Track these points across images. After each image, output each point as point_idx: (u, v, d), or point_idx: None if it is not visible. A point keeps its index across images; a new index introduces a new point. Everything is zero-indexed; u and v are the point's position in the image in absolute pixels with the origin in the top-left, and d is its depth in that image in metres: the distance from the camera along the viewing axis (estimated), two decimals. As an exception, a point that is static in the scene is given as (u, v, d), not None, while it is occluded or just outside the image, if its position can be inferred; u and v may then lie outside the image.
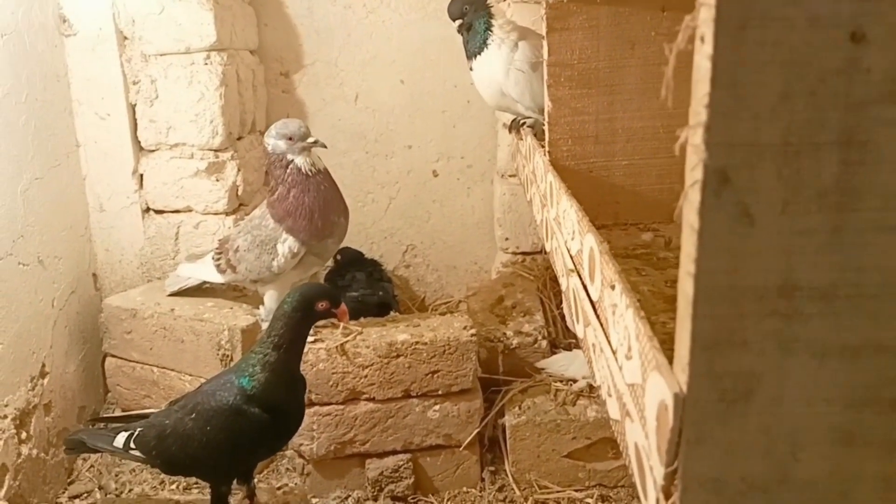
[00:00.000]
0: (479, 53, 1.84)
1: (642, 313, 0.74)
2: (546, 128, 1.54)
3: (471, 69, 1.91)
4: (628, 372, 0.77)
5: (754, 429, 0.58)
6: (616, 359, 0.83)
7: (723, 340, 0.56)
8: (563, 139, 1.52)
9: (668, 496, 0.61)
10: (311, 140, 1.91)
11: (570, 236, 1.19)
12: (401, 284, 3.12)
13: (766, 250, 0.54)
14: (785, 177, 0.53)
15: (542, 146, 1.64)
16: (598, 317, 0.96)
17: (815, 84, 0.51)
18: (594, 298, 0.99)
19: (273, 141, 1.91)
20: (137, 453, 1.63)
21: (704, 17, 0.52)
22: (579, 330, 1.10)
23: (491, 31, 1.83)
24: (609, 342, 0.88)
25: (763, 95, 0.52)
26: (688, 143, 0.55)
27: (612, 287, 0.86)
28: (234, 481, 1.68)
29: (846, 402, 0.57)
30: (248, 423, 1.49)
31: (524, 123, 1.96)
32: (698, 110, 0.53)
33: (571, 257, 1.18)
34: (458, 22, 1.86)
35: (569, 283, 1.19)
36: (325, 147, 1.93)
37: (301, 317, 1.54)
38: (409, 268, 3.15)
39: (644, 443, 0.68)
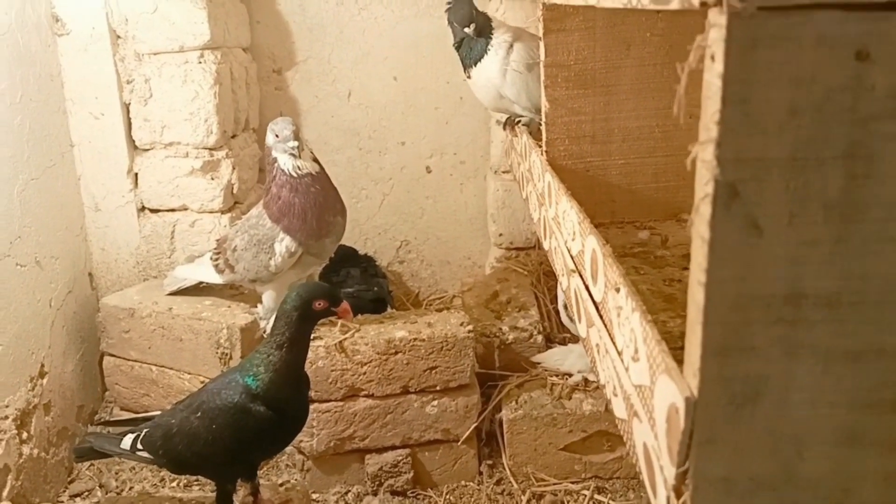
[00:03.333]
0: (480, 60, 1.85)
1: (649, 317, 0.76)
2: (543, 127, 1.56)
3: (468, 76, 1.92)
4: (635, 373, 0.79)
5: (762, 430, 0.60)
6: (622, 360, 0.85)
7: (732, 346, 0.59)
8: (561, 139, 1.55)
9: (679, 495, 0.63)
10: (290, 144, 1.88)
11: (571, 237, 1.21)
12: (395, 280, 3.14)
13: (773, 260, 0.57)
14: (792, 190, 0.55)
15: (539, 145, 1.66)
16: (601, 317, 0.98)
17: (821, 101, 0.54)
18: (597, 299, 1.01)
19: (268, 135, 1.91)
20: (145, 454, 1.64)
21: (714, 37, 0.54)
22: (581, 329, 1.12)
23: (491, 37, 1.84)
24: (614, 343, 0.90)
25: (771, 112, 0.54)
26: (698, 158, 0.57)
27: (617, 290, 0.88)
28: (238, 479, 1.69)
29: (850, 404, 0.60)
30: (254, 422, 1.51)
31: (519, 121, 1.98)
32: (709, 126, 0.55)
33: (572, 257, 1.20)
34: (472, 26, 1.84)
35: (570, 283, 1.22)
36: (297, 157, 1.89)
37: (300, 316, 1.55)
38: (402, 263, 3.17)
39: (654, 443, 0.71)
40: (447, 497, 2.14)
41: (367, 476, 2.13)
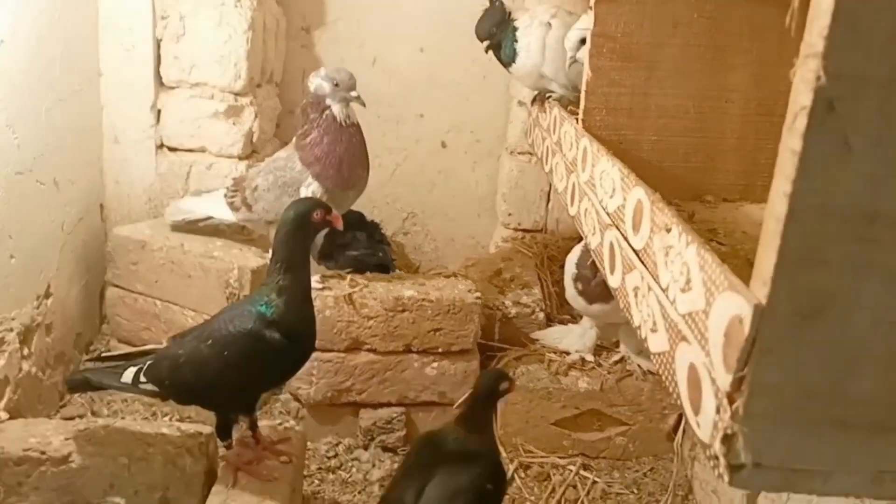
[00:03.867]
0: (513, 61, 1.95)
1: (707, 246, 0.79)
2: (582, 96, 1.59)
3: (510, 72, 2.01)
4: (684, 303, 0.83)
5: (822, 343, 0.64)
6: (667, 295, 0.89)
7: (806, 258, 0.62)
8: (598, 108, 1.58)
9: (732, 401, 0.67)
10: (354, 94, 1.94)
11: (609, 194, 1.25)
12: (398, 251, 3.16)
13: (857, 178, 0.60)
14: (885, 111, 0.59)
15: (574, 116, 1.70)
16: (642, 262, 1.01)
17: (923, 27, 0.57)
18: (638, 247, 1.05)
19: (319, 82, 1.93)
20: (148, 386, 1.62)
21: (830, -42, 0.57)
22: (614, 280, 1.15)
23: (517, 41, 1.92)
24: (658, 282, 0.93)
25: (877, 33, 0.57)
26: (797, 75, 0.60)
27: (668, 230, 0.92)
28: (239, 414, 1.71)
29: (908, 325, 0.63)
30: (268, 348, 1.51)
31: (549, 97, 2.02)
32: (814, 42, 0.58)
33: (608, 214, 1.24)
34: (486, 44, 1.99)
35: (603, 238, 1.25)
36: (364, 106, 1.96)
37: (302, 233, 1.54)
38: (407, 235, 3.19)
39: (704, 360, 0.74)
40: (436, 459, 2.17)
41: (360, 430, 2.16)
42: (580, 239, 2.48)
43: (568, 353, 2.26)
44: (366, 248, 2.78)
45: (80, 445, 1.73)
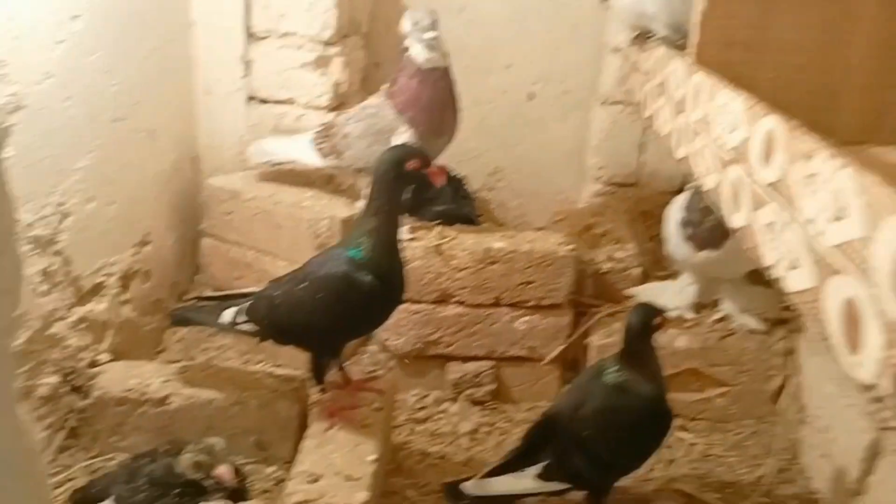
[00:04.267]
0: None
1: (864, 169, 0.71)
2: (697, 28, 1.48)
3: (609, 7, 1.90)
4: (836, 233, 0.75)
5: None
6: (813, 226, 0.81)
7: None
8: (712, 43, 1.47)
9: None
10: (428, 35, 1.87)
11: (730, 129, 1.16)
12: (482, 207, 3.09)
13: None
14: None
15: (682, 55, 1.60)
16: (779, 194, 0.93)
17: None
18: (771, 180, 0.96)
19: (405, 22, 1.89)
20: (247, 326, 1.66)
21: None
22: (740, 218, 1.07)
23: None
24: (799, 214, 0.85)
25: None
26: None
27: (809, 157, 0.84)
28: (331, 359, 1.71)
29: None
30: (359, 290, 1.50)
31: (651, 37, 1.91)
32: None
33: (731, 150, 1.15)
34: None
35: (724, 177, 1.17)
36: (430, 51, 1.88)
37: (393, 178, 1.52)
38: (492, 191, 3.12)
39: (864, 293, 0.66)
40: (525, 414, 2.12)
41: (448, 383, 2.13)
42: (676, 193, 2.38)
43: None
44: (450, 204, 2.73)
45: (178, 388, 1.77)
